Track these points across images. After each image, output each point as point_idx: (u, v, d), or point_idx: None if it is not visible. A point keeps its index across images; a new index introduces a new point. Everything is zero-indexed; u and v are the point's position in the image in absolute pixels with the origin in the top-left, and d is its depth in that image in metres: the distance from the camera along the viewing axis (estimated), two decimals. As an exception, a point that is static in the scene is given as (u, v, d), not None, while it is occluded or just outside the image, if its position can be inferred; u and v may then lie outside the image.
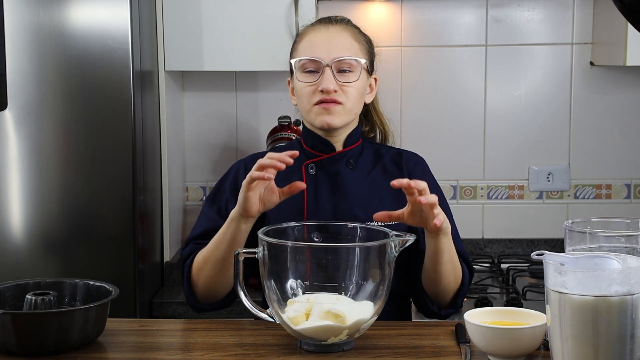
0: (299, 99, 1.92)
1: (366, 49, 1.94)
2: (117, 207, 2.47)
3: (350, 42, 1.90)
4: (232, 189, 1.93)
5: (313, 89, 1.87)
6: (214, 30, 2.76)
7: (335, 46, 1.88)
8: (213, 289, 1.84)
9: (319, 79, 1.86)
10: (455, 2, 3.04)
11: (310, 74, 1.88)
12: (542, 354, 1.52)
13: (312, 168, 1.93)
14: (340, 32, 1.92)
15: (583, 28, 3.04)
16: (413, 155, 2.00)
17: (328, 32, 1.91)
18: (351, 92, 1.88)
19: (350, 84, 1.87)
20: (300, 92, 1.89)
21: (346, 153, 1.94)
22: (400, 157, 1.98)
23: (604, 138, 3.08)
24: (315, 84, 1.87)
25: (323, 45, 1.88)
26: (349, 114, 1.89)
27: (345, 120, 1.89)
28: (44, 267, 2.46)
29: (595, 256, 1.33)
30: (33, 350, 1.54)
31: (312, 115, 1.89)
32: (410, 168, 1.95)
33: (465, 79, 3.08)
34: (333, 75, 1.85)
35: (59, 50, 2.42)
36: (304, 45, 1.92)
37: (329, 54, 1.87)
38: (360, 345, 1.58)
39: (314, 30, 1.93)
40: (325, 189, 1.91)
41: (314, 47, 1.89)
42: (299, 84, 1.89)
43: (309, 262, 1.54)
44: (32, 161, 2.45)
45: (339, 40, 1.90)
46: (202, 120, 3.10)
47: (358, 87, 1.89)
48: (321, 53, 1.87)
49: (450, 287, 1.82)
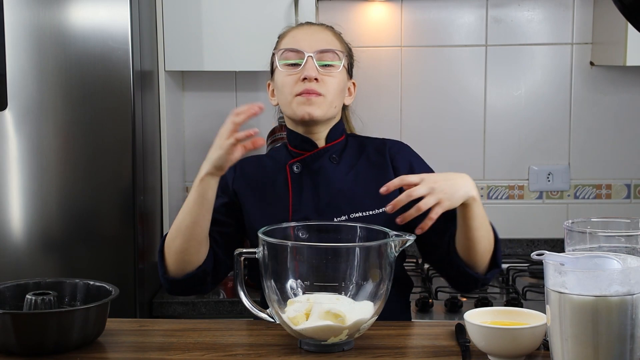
0: (279, 92, 1.93)
1: (347, 50, 1.98)
2: (117, 207, 2.47)
3: (332, 39, 1.95)
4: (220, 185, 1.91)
5: (295, 79, 1.89)
6: (214, 30, 2.76)
7: (317, 39, 1.92)
8: (185, 259, 1.81)
9: (301, 68, 1.89)
10: (455, 2, 3.04)
11: (292, 67, 1.91)
12: (542, 354, 1.52)
13: (298, 167, 1.94)
14: (323, 30, 1.97)
15: (583, 28, 3.04)
16: (397, 142, 2.01)
17: (310, 29, 1.97)
18: (332, 83, 1.90)
19: (331, 74, 1.90)
20: (282, 83, 1.91)
21: (328, 149, 1.95)
22: (384, 145, 1.98)
23: (604, 138, 3.08)
24: (297, 73, 1.89)
25: (305, 39, 1.93)
26: (329, 106, 1.91)
27: (325, 111, 1.90)
28: (44, 267, 2.46)
29: (595, 256, 1.33)
30: (33, 350, 1.54)
31: (294, 106, 1.90)
32: (393, 154, 1.95)
33: (465, 79, 3.08)
34: (315, 65, 1.88)
35: (59, 50, 2.42)
36: (287, 40, 1.96)
37: (311, 46, 1.90)
38: (360, 345, 1.58)
39: (296, 29, 1.99)
40: (309, 185, 1.92)
41: (296, 40, 1.93)
42: (281, 76, 1.92)
43: (308, 262, 1.54)
44: (32, 161, 2.45)
45: (322, 35, 1.95)
46: (202, 120, 3.10)
47: (339, 80, 1.92)
48: (304, 44, 1.91)
49: (487, 250, 1.82)
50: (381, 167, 1.93)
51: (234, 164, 1.93)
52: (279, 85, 1.92)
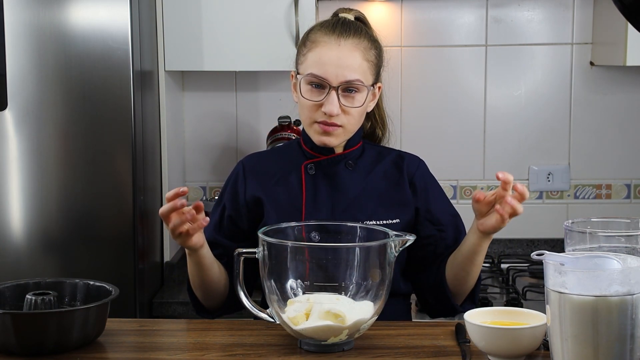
0: (300, 107, 1.91)
1: (375, 65, 1.91)
2: (117, 207, 2.47)
3: (359, 63, 1.86)
4: (231, 196, 1.95)
5: (316, 107, 1.85)
6: (214, 30, 2.76)
7: (343, 68, 1.84)
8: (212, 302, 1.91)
9: (323, 98, 1.84)
10: (455, 2, 3.04)
11: (315, 89, 1.85)
12: (542, 354, 1.52)
13: (312, 168, 1.93)
14: (351, 52, 1.86)
15: (583, 28, 3.04)
16: (414, 158, 1.99)
17: (339, 50, 1.85)
18: (353, 113, 1.86)
19: (354, 104, 1.85)
20: (303, 104, 1.88)
21: (346, 155, 1.94)
22: (401, 160, 1.97)
23: (604, 138, 3.08)
24: (319, 103, 1.85)
25: (332, 64, 1.84)
26: (348, 134, 1.90)
27: (343, 139, 1.90)
28: (44, 267, 2.46)
29: (595, 256, 1.33)
30: (33, 350, 1.54)
31: (311, 132, 1.89)
32: (412, 172, 1.95)
33: (465, 79, 3.08)
34: (338, 99, 1.83)
35: (59, 50, 2.42)
36: (313, 57, 1.87)
37: (337, 77, 1.83)
38: (360, 345, 1.58)
39: (325, 44, 1.87)
40: (324, 189, 1.91)
41: (322, 64, 1.84)
42: (303, 98, 1.88)
43: (308, 262, 1.54)
44: (32, 161, 2.45)
45: (349, 60, 1.85)
46: (202, 120, 3.10)
47: (361, 109, 1.88)
48: (329, 74, 1.83)
49: (472, 285, 1.88)
50: (397, 182, 1.94)
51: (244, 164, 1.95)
52: (301, 101, 1.89)
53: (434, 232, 1.91)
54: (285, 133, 2.90)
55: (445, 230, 1.91)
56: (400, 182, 1.93)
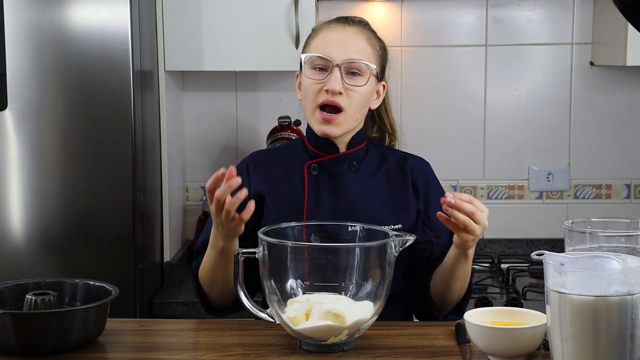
0: (304, 95, 1.91)
1: (379, 55, 1.92)
2: (117, 207, 2.46)
3: (363, 46, 1.88)
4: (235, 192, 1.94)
5: (319, 87, 1.86)
6: (214, 30, 2.76)
7: (347, 47, 1.86)
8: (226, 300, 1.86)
9: (326, 77, 1.85)
10: (455, 2, 3.04)
11: (318, 72, 1.87)
12: (542, 354, 1.52)
13: (315, 168, 1.93)
14: (355, 34, 1.89)
15: (583, 28, 3.04)
16: (419, 160, 1.99)
17: (343, 32, 1.89)
18: (356, 97, 1.86)
19: (356, 87, 1.86)
20: (306, 89, 1.88)
21: (349, 155, 1.94)
22: (405, 161, 1.97)
23: (604, 138, 3.08)
24: (322, 82, 1.85)
25: (336, 45, 1.87)
26: (350, 121, 1.88)
27: (345, 129, 1.89)
28: (44, 267, 2.46)
29: (595, 256, 1.33)
30: (33, 350, 1.54)
31: (313, 121, 1.89)
32: (415, 174, 1.95)
33: (465, 79, 3.08)
34: (341, 77, 1.84)
35: (59, 50, 2.42)
36: (317, 41, 1.90)
37: (340, 54, 1.85)
38: (360, 345, 1.58)
39: (329, 28, 1.91)
40: (326, 189, 1.91)
41: (326, 44, 1.87)
42: (306, 80, 1.88)
43: (308, 262, 1.54)
44: (32, 161, 2.45)
45: (353, 41, 1.88)
46: (202, 120, 3.10)
47: (364, 92, 1.87)
48: (333, 52, 1.86)
49: (457, 298, 1.86)
50: (401, 184, 1.93)
51: (247, 163, 1.94)
52: (304, 89, 1.90)
53: (431, 238, 1.90)
54: (285, 133, 2.90)
55: (442, 237, 1.90)
56: (404, 185, 1.93)
